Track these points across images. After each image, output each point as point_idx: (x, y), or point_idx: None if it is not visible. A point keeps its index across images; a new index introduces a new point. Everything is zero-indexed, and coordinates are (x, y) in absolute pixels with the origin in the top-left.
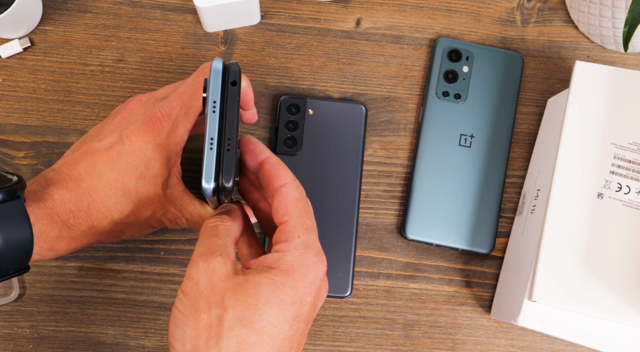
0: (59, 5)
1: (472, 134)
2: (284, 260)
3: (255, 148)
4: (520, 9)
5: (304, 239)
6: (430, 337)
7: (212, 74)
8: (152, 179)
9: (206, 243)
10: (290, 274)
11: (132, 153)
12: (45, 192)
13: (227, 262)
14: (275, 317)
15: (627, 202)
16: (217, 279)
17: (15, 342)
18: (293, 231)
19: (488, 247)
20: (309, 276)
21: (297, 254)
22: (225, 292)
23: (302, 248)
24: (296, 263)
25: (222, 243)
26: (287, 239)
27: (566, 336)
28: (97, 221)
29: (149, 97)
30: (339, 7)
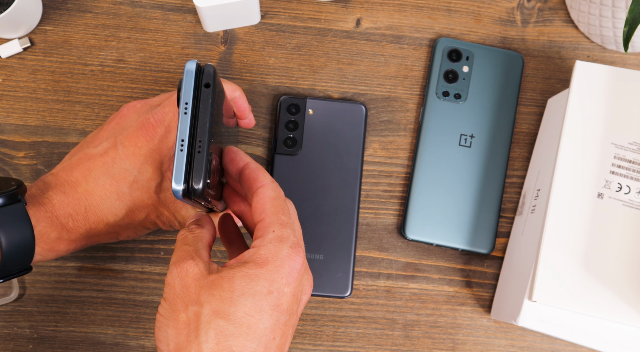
0: (58, 5)
1: (472, 134)
2: (258, 254)
3: (236, 156)
4: (521, 9)
5: (279, 233)
6: (430, 337)
7: (185, 76)
8: (145, 183)
9: (178, 252)
10: (264, 266)
11: (126, 158)
12: (45, 196)
13: (199, 264)
14: (252, 307)
15: (627, 202)
16: (191, 280)
17: (15, 342)
18: (268, 227)
19: (488, 247)
20: (285, 266)
21: (271, 247)
22: (199, 291)
23: (276, 241)
24: (270, 255)
25: (193, 249)
26: (262, 235)
27: (566, 336)
28: (94, 224)
29: (143, 104)
30: (339, 7)
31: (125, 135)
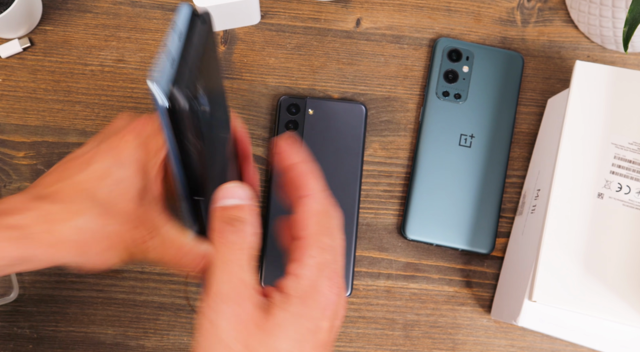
0: (58, 5)
1: (472, 134)
2: (300, 286)
3: (286, 150)
4: (521, 9)
5: (319, 259)
6: (430, 337)
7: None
8: (124, 184)
9: (227, 276)
10: (306, 301)
11: (107, 152)
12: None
13: (255, 300)
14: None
15: (627, 202)
16: (245, 325)
17: (15, 342)
18: (307, 249)
19: (488, 247)
20: (322, 301)
21: (311, 277)
22: (250, 338)
23: (315, 270)
24: (310, 289)
25: (247, 270)
26: (300, 259)
27: (566, 336)
28: None
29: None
30: (339, 7)
31: (112, 133)
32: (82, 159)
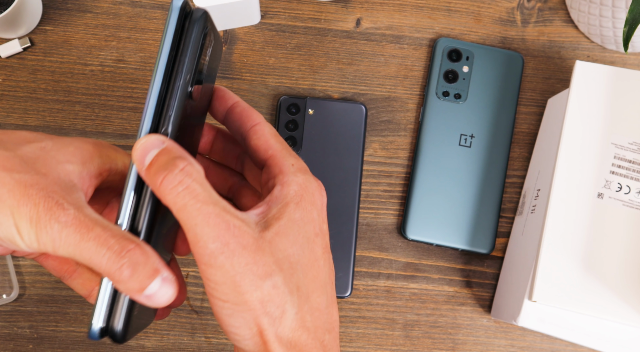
0: (59, 5)
1: (472, 134)
2: (292, 192)
3: (225, 94)
4: (521, 9)
5: (298, 166)
6: (430, 337)
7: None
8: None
9: (196, 215)
10: (302, 204)
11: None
12: None
13: (242, 226)
14: (311, 258)
15: (627, 202)
16: (248, 253)
17: (15, 342)
18: (283, 160)
19: (488, 247)
20: (316, 202)
21: (300, 181)
22: (260, 260)
23: (300, 174)
24: (303, 191)
25: (217, 203)
26: (281, 170)
27: (566, 336)
28: None
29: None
30: (339, 7)
31: None
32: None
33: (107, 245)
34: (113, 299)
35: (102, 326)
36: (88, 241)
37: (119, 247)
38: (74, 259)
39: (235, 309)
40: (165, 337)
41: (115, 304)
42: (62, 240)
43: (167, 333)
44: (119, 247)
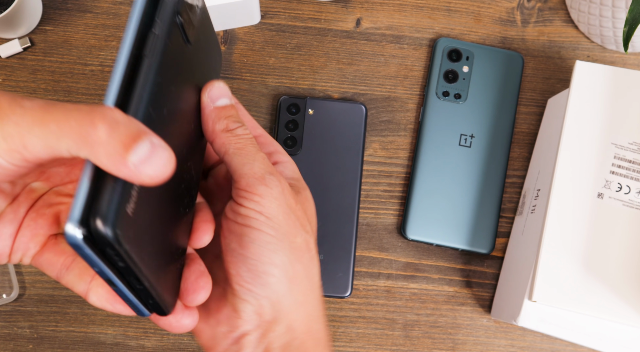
0: (59, 5)
1: (472, 134)
2: (295, 169)
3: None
4: (521, 9)
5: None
6: (430, 337)
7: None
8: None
9: (261, 163)
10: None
11: None
12: None
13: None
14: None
15: (627, 202)
16: (293, 201)
17: (15, 342)
18: (272, 140)
19: (488, 247)
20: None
21: (291, 160)
22: (300, 214)
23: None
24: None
25: (266, 158)
26: (276, 149)
27: (566, 336)
28: None
29: None
30: (339, 7)
31: None
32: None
33: (76, 109)
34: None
35: (83, 232)
36: (53, 112)
37: (89, 108)
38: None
39: (278, 245)
40: (165, 337)
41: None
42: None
43: (167, 333)
44: (89, 108)
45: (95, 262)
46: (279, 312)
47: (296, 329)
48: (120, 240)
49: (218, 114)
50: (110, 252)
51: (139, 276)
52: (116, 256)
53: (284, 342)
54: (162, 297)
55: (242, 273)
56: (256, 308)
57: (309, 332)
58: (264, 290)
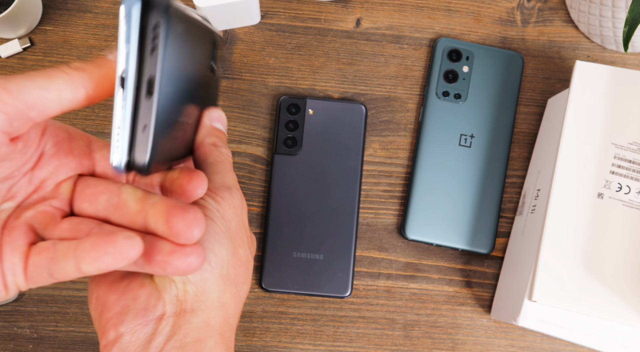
0: (59, 5)
1: (472, 134)
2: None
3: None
4: (521, 9)
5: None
6: (430, 337)
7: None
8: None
9: (228, 170)
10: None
11: None
12: None
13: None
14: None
15: (627, 202)
16: (247, 223)
17: (15, 342)
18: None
19: (488, 247)
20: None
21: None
22: (249, 234)
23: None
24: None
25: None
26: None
27: (566, 336)
28: None
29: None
30: (339, 7)
31: None
32: None
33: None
34: (133, 127)
35: (126, 159)
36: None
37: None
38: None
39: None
40: None
41: (135, 136)
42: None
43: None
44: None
45: (130, 36)
46: (200, 303)
47: (212, 327)
48: (169, 17)
49: (211, 131)
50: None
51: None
52: (155, 28)
53: (197, 337)
54: (152, 149)
55: None
56: (180, 293)
57: (222, 336)
58: (194, 275)
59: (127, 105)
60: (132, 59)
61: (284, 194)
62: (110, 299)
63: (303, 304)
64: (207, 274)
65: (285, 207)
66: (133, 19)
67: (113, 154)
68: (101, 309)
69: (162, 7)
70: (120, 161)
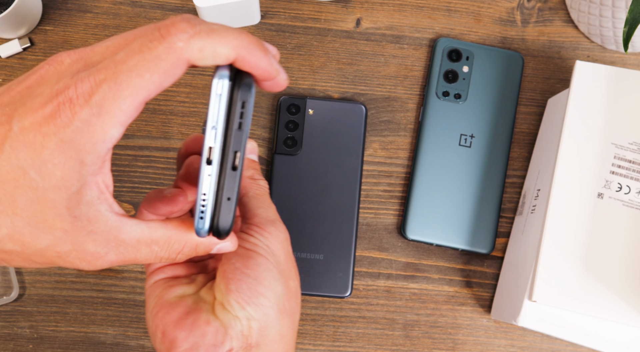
0: (59, 5)
1: (472, 134)
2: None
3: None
4: (521, 9)
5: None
6: (430, 337)
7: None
8: (51, 191)
9: (272, 210)
10: None
11: (22, 147)
12: None
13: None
14: None
15: (627, 202)
16: (292, 253)
17: (15, 342)
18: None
19: (488, 247)
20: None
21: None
22: (295, 263)
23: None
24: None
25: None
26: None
27: (566, 336)
28: None
29: (78, 57)
30: (339, 7)
31: (28, 109)
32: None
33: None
34: (217, 197)
35: (209, 226)
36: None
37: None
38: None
39: (278, 278)
40: None
41: (221, 204)
42: None
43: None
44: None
45: (221, 115)
46: (263, 338)
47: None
48: (253, 95)
49: (248, 164)
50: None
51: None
52: (243, 106)
53: None
54: (233, 217)
55: (241, 290)
56: (245, 329)
57: None
58: (256, 312)
59: (212, 179)
60: (219, 137)
61: (284, 194)
62: (180, 336)
63: (303, 304)
64: (267, 310)
65: (285, 207)
66: (223, 97)
67: (198, 220)
68: (169, 345)
69: (249, 87)
70: (206, 228)
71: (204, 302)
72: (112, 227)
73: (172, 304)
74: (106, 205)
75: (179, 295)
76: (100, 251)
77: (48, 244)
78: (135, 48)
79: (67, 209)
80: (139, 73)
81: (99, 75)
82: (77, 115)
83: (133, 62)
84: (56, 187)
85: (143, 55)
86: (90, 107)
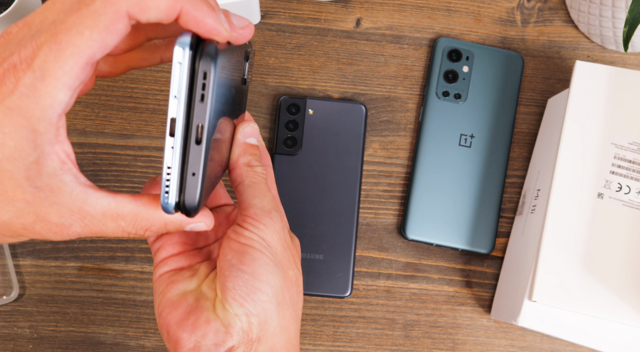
0: None
1: (472, 134)
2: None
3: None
4: (520, 9)
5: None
6: (430, 337)
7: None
8: (6, 163)
9: (269, 199)
10: None
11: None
12: None
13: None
14: None
15: (627, 202)
16: (290, 241)
17: (15, 342)
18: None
19: (488, 247)
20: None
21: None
22: (294, 251)
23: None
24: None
25: (274, 198)
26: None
27: (566, 336)
28: None
29: (23, 24)
30: (339, 7)
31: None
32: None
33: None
34: (182, 172)
35: (176, 201)
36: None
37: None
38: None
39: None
40: None
41: (186, 179)
42: None
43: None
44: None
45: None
46: (264, 332)
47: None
48: (217, 65)
49: (245, 149)
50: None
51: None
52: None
53: None
54: (200, 193)
55: (237, 287)
56: (245, 325)
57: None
58: (255, 307)
59: (176, 152)
60: (181, 108)
61: (284, 194)
62: (182, 336)
63: (303, 304)
64: (266, 304)
65: (285, 207)
66: (184, 67)
67: (164, 195)
68: (174, 344)
69: (210, 56)
70: (171, 203)
71: (205, 299)
72: (76, 199)
73: (174, 303)
74: (71, 175)
75: (181, 292)
76: (64, 222)
77: (12, 216)
78: (74, 6)
79: (26, 179)
80: (78, 30)
81: (40, 38)
82: (20, 81)
83: (72, 21)
84: (11, 158)
85: (81, 12)
86: (33, 71)
